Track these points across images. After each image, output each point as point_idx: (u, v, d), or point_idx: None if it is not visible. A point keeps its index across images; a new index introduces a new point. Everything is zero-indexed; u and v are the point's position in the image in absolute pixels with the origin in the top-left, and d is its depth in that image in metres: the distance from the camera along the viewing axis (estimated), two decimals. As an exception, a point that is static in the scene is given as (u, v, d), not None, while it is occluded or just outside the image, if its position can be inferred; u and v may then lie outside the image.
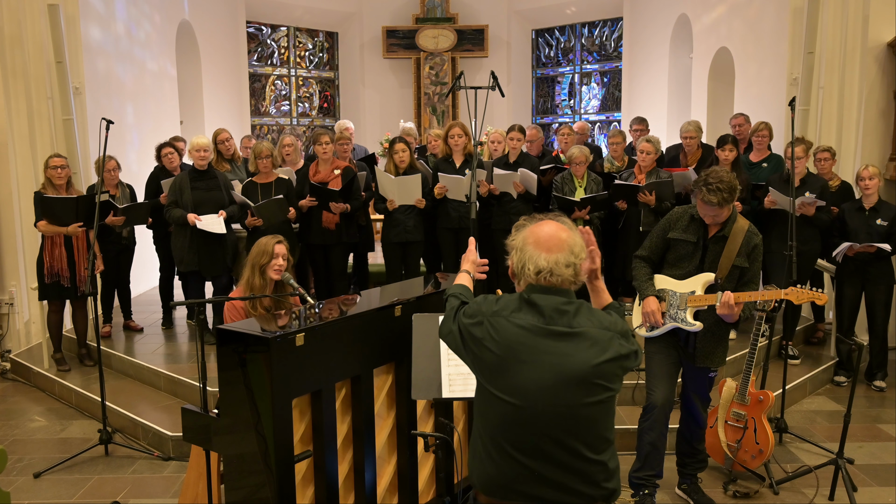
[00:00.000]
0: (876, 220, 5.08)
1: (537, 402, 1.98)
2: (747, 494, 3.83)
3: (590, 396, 1.99)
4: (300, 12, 11.52)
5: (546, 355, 2.00)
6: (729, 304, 3.23)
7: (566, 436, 2.00)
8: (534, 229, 2.11)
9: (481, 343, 2.07)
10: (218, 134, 6.21)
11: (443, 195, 5.51)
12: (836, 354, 5.54)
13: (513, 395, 2.00)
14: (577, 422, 2.00)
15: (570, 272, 2.05)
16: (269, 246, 3.56)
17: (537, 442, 2.01)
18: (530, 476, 2.03)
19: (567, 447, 2.01)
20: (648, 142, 5.48)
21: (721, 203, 3.27)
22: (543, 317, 2.03)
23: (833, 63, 6.07)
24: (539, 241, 2.07)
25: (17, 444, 4.60)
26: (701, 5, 8.59)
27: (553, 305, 2.04)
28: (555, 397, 1.98)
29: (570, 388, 1.98)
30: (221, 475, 3.21)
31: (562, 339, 2.01)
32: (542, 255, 2.04)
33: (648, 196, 5.28)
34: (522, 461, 2.02)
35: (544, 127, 12.08)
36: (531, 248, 2.07)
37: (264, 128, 11.61)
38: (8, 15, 5.99)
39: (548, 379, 1.98)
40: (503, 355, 2.02)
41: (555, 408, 1.98)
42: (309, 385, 2.77)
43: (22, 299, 6.23)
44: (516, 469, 2.03)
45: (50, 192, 5.22)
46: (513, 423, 2.01)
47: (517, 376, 2.00)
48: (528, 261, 2.07)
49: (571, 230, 2.12)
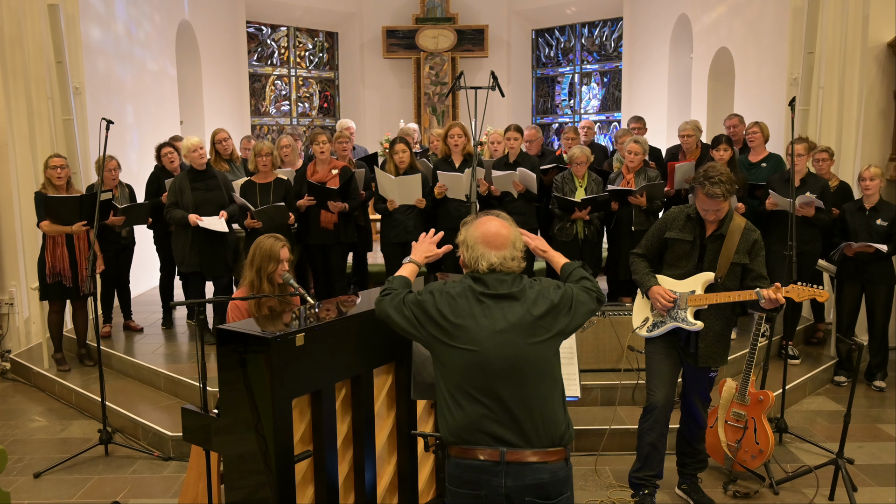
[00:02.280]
0: (876, 220, 5.08)
1: (490, 345, 2.25)
2: (747, 494, 3.83)
3: (534, 337, 2.28)
4: (300, 12, 11.52)
5: (494, 310, 2.29)
6: (771, 299, 3.25)
7: (518, 374, 2.25)
8: (479, 227, 2.38)
9: (436, 310, 2.32)
10: (216, 134, 6.20)
11: (443, 195, 5.51)
12: (836, 354, 5.54)
13: (469, 343, 2.26)
14: (527, 360, 2.26)
15: (516, 264, 2.37)
16: (276, 251, 3.49)
17: (493, 383, 2.25)
18: (491, 416, 2.25)
19: (520, 384, 2.25)
20: (636, 142, 5.56)
21: (725, 195, 3.28)
22: (487, 286, 2.32)
23: (833, 63, 6.07)
24: (487, 240, 2.35)
25: (17, 444, 4.60)
26: (701, 5, 8.59)
27: (496, 278, 2.33)
28: (504, 339, 2.26)
29: (516, 331, 2.26)
30: (221, 475, 3.21)
31: (505, 300, 2.30)
32: (493, 253, 2.34)
33: (640, 198, 5.33)
34: (483, 401, 2.25)
35: (544, 127, 12.09)
36: (482, 247, 2.35)
37: (264, 128, 11.61)
38: (8, 15, 5.99)
39: (498, 326, 2.26)
40: (457, 316, 2.29)
41: (504, 348, 2.25)
42: (309, 385, 2.77)
43: (22, 299, 6.23)
44: (479, 410, 2.26)
45: (50, 191, 5.23)
46: (471, 367, 2.26)
47: (471, 329, 2.27)
48: (480, 258, 2.35)
49: (511, 225, 2.41)
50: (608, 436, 4.25)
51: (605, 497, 3.85)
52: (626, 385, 4.66)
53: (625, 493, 3.81)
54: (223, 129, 6.34)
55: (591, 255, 5.57)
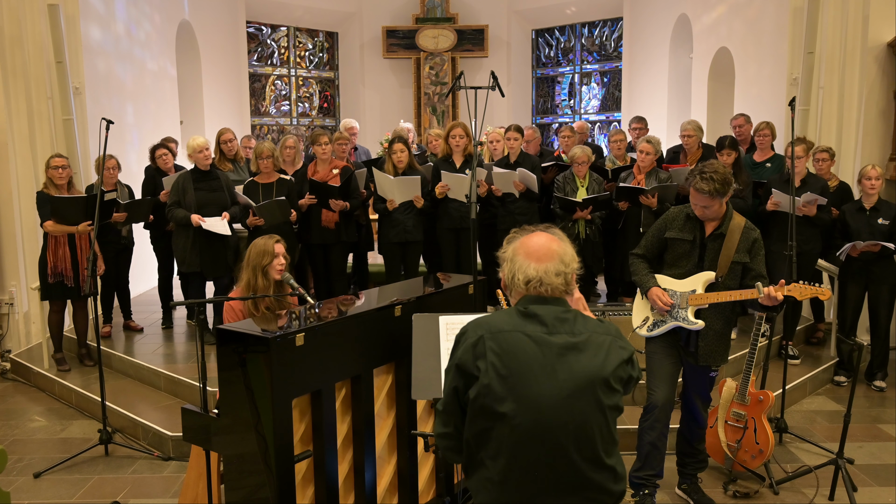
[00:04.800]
0: (877, 219, 5.08)
1: (551, 414, 1.95)
2: (747, 494, 3.83)
3: (604, 401, 1.99)
4: (300, 12, 11.52)
5: (558, 367, 1.97)
6: (770, 296, 3.24)
7: (580, 445, 1.97)
8: (524, 240, 2.11)
9: (484, 365, 1.98)
10: (222, 133, 6.20)
11: (444, 194, 5.51)
12: (836, 354, 5.54)
13: (525, 412, 1.94)
14: (590, 428, 1.98)
15: (561, 281, 2.05)
16: (269, 246, 3.54)
17: (551, 456, 1.96)
18: (542, 490, 1.98)
19: (581, 456, 1.98)
20: (648, 142, 5.49)
21: (712, 193, 3.27)
22: (546, 325, 2.02)
23: (833, 63, 6.07)
24: (529, 251, 2.07)
25: (17, 444, 4.60)
26: (701, 5, 8.59)
27: (553, 314, 2.03)
28: (570, 407, 1.96)
29: (584, 397, 1.96)
30: (221, 475, 3.21)
31: (569, 350, 1.99)
32: (532, 265, 2.05)
33: (651, 199, 5.29)
34: (534, 477, 1.97)
35: (544, 127, 12.08)
36: (521, 259, 2.07)
37: (264, 128, 11.61)
38: (8, 15, 5.99)
39: (563, 390, 1.95)
40: (511, 369, 1.96)
41: (570, 416, 1.95)
42: (309, 385, 2.77)
43: (22, 299, 6.23)
44: (529, 487, 1.98)
45: (52, 191, 5.23)
46: (524, 440, 1.96)
47: (529, 390, 1.95)
48: (517, 271, 2.07)
49: (563, 241, 2.12)
50: (608, 436, 4.24)
51: (605, 497, 3.85)
52: (626, 385, 4.65)
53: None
54: (229, 128, 6.35)
55: (592, 254, 5.58)
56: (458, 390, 2.05)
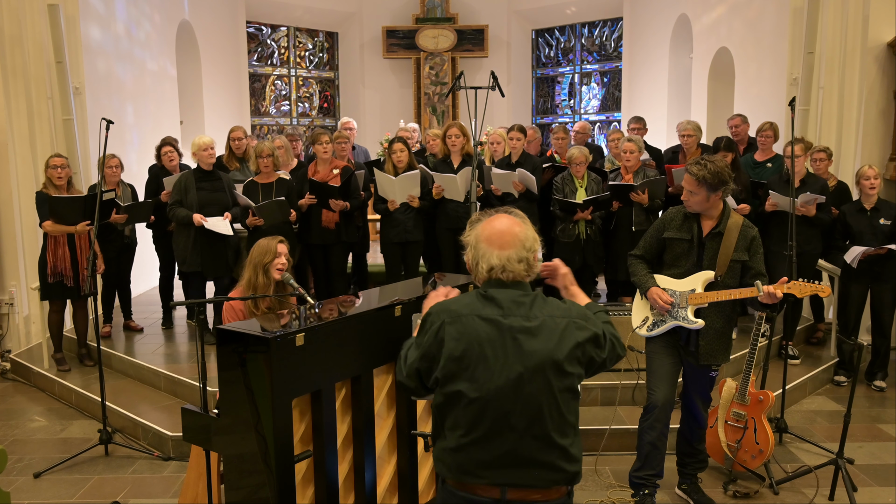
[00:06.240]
0: (878, 219, 5.08)
1: (501, 395, 2.02)
2: (747, 494, 3.83)
3: (554, 383, 2.03)
4: (300, 12, 11.52)
5: (510, 349, 2.03)
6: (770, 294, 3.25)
7: (530, 424, 2.03)
8: (486, 225, 2.13)
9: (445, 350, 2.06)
10: (232, 131, 6.20)
11: (441, 195, 5.52)
12: (836, 354, 5.54)
13: (478, 390, 2.02)
14: (540, 410, 2.03)
15: (523, 266, 2.10)
16: (273, 245, 3.56)
17: (500, 433, 2.03)
18: (496, 461, 2.05)
19: (531, 434, 2.04)
20: (631, 141, 5.58)
21: (699, 179, 3.30)
22: (501, 308, 2.07)
23: (833, 63, 6.07)
24: (491, 238, 2.10)
25: (17, 444, 4.60)
26: (701, 5, 8.59)
27: (510, 298, 2.08)
28: (520, 389, 2.02)
29: (534, 379, 2.02)
30: (221, 475, 3.21)
31: (522, 333, 2.04)
32: (495, 253, 2.09)
33: (641, 195, 5.31)
34: (489, 448, 2.04)
35: (544, 127, 12.08)
36: (484, 246, 2.10)
37: (264, 128, 11.61)
38: (8, 15, 5.99)
39: (513, 372, 2.02)
40: (466, 351, 2.04)
41: (520, 398, 2.02)
42: (309, 385, 2.77)
43: (22, 299, 6.23)
44: (483, 456, 2.05)
45: (51, 191, 5.22)
46: (477, 416, 2.03)
47: (481, 372, 2.03)
48: (480, 258, 2.11)
49: (524, 223, 2.14)
50: (608, 436, 4.25)
51: (605, 497, 3.85)
52: (626, 385, 4.66)
53: (625, 492, 3.81)
54: (241, 126, 6.36)
55: (593, 254, 5.57)
56: (420, 371, 2.15)
